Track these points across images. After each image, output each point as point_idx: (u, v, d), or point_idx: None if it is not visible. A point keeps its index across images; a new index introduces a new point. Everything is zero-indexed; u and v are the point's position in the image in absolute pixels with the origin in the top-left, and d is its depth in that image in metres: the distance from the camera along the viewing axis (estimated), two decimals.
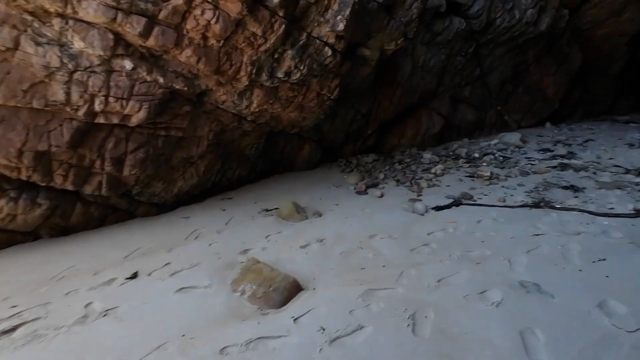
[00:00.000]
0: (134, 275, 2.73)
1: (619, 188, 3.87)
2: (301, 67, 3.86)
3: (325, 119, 5.30)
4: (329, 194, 4.59)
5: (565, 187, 4.04)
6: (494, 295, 2.06)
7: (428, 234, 3.07)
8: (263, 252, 3.03)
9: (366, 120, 6.06)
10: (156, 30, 3.13)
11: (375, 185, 4.88)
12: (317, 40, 3.82)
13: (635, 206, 3.24)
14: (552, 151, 6.23)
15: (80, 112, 3.06)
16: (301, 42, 3.74)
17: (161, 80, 3.34)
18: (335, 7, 3.71)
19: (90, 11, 2.85)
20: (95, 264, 2.94)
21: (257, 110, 4.08)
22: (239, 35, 3.44)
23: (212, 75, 3.56)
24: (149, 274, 2.75)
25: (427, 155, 6.17)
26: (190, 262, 2.90)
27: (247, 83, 3.73)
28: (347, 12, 3.68)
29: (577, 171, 4.78)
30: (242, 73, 3.65)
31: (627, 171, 4.53)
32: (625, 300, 1.92)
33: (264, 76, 3.79)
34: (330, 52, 3.89)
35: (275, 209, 4.12)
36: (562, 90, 8.80)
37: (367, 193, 4.62)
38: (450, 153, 6.64)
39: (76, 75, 2.98)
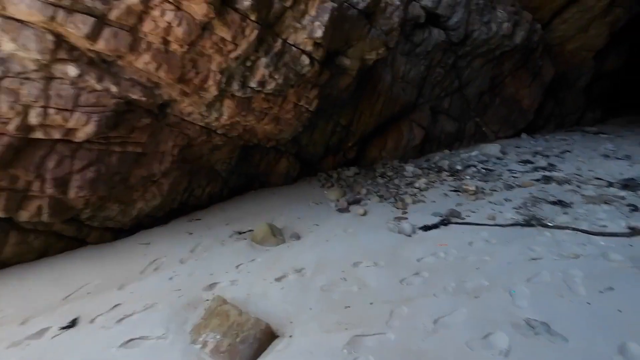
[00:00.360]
0: (73, 323, 2.26)
1: (606, 203, 3.76)
2: (276, 77, 3.54)
3: (303, 132, 4.99)
4: (308, 213, 4.24)
5: (554, 203, 3.90)
6: (500, 341, 1.76)
7: (418, 260, 2.78)
8: (232, 286, 2.62)
9: (347, 133, 5.80)
10: (107, 31, 2.72)
11: (357, 202, 4.58)
12: (294, 48, 3.53)
13: (628, 223, 3.11)
14: (533, 163, 6.20)
15: (11, 126, 2.58)
16: (276, 50, 3.42)
17: (114, 89, 2.91)
18: (313, 12, 3.44)
19: (23, 7, 2.41)
20: (26, 308, 2.43)
21: (228, 122, 3.70)
22: (205, 41, 3.09)
23: (175, 84, 3.17)
24: (92, 321, 2.28)
25: (410, 168, 5.98)
26: (144, 303, 2.45)
27: (216, 93, 3.36)
28: (326, 18, 3.42)
29: (561, 184, 4.69)
30: (210, 82, 3.28)
31: (610, 184, 4.48)
32: None
33: (235, 86, 3.44)
34: (307, 61, 3.60)
35: (249, 231, 3.72)
36: (536, 102, 8.96)
37: (349, 211, 4.31)
38: (433, 165, 6.49)
39: (5, 83, 2.50)
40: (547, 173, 5.35)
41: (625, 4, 8.82)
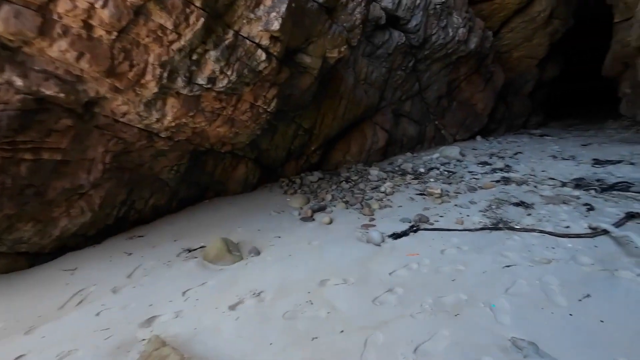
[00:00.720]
0: None
1: (565, 203, 3.84)
2: (228, 73, 3.14)
3: (262, 135, 4.61)
4: (269, 223, 3.87)
5: (516, 204, 3.91)
6: None
7: (390, 274, 2.53)
8: (176, 319, 2.18)
9: (309, 136, 5.52)
10: (5, 10, 2.16)
11: (322, 209, 4.29)
12: (248, 41, 3.16)
13: (589, 223, 3.13)
14: (490, 164, 6.35)
15: None
16: (227, 42, 3.03)
17: (19, 82, 2.34)
18: (269, 2, 3.10)
19: None
20: None
21: (173, 124, 3.23)
22: (140, 28, 2.62)
23: (103, 79, 2.65)
24: None
25: (374, 172, 5.82)
26: (58, 350, 1.94)
27: (156, 90, 2.89)
28: (283, 9, 3.10)
29: (520, 185, 4.78)
30: (149, 77, 2.81)
31: (564, 184, 4.64)
32: (635, 357, 1.55)
33: (180, 82, 2.99)
34: (264, 56, 3.25)
35: (201, 247, 3.27)
36: (489, 107, 9.37)
37: (313, 219, 4.00)
38: (396, 168, 6.42)
39: None
40: (505, 174, 5.47)
41: (562, 17, 9.57)
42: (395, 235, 3.26)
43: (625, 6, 8.54)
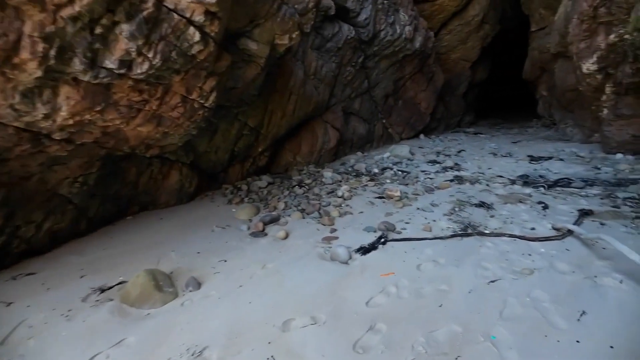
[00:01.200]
0: None
1: (521, 202, 3.84)
2: (150, 55, 2.41)
3: (200, 135, 3.88)
4: (212, 243, 3.19)
5: (478, 205, 3.80)
6: None
7: (367, 303, 2.11)
8: None
9: (256, 136, 4.88)
10: None
11: (275, 220, 3.73)
12: (176, 15, 2.46)
13: (552, 224, 3.09)
14: (440, 163, 6.38)
15: None
16: (145, 13, 2.30)
17: None
18: None
19: None
20: None
21: (71, 122, 2.39)
22: None
23: None
24: None
25: (328, 174, 5.42)
26: None
27: (39, 74, 2.06)
28: None
29: (473, 184, 4.77)
30: (26, 54, 1.97)
31: (512, 182, 4.73)
32: None
33: (78, 64, 2.19)
34: (198, 36, 2.57)
35: (120, 284, 2.49)
36: (432, 106, 9.65)
37: (266, 234, 3.43)
38: (350, 169, 6.11)
39: None
40: (456, 173, 5.48)
41: (491, 22, 10.26)
42: (364, 250, 2.85)
43: (540, 16, 9.42)
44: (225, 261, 2.83)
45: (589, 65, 5.62)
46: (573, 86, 7.18)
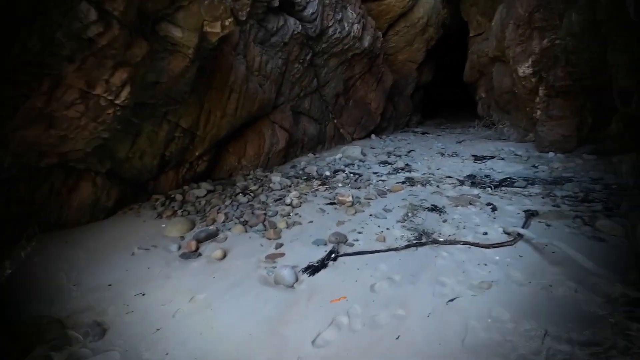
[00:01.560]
0: None
1: (471, 204, 3.80)
2: (22, 35, 1.81)
3: (118, 139, 3.25)
4: (129, 271, 2.62)
5: (430, 209, 3.68)
6: None
7: (313, 342, 1.76)
8: None
9: (191, 138, 4.30)
10: None
11: (212, 237, 3.24)
12: None
13: (503, 227, 3.04)
14: (391, 164, 6.31)
15: None
16: None
17: None
18: None
19: None
20: None
21: None
22: None
23: None
24: None
25: (277, 178, 5.01)
26: None
27: None
28: None
29: (424, 185, 4.71)
30: None
31: (461, 182, 4.76)
32: None
33: None
34: (94, 15, 2.01)
35: None
36: (382, 106, 9.68)
37: (199, 254, 2.93)
38: (300, 172, 5.76)
39: None
40: (407, 174, 5.41)
41: (435, 25, 10.60)
42: (312, 269, 2.51)
43: (477, 23, 9.94)
44: (144, 295, 2.31)
45: (524, 69, 5.91)
46: (509, 88, 7.61)
